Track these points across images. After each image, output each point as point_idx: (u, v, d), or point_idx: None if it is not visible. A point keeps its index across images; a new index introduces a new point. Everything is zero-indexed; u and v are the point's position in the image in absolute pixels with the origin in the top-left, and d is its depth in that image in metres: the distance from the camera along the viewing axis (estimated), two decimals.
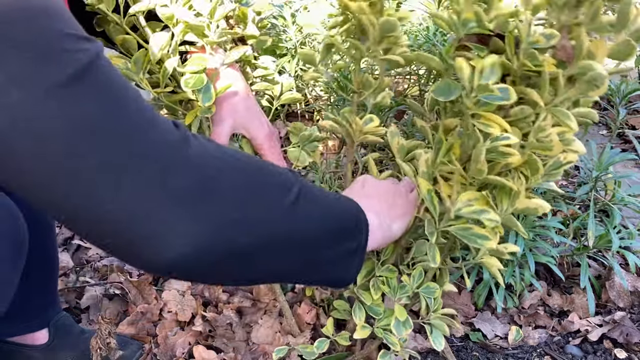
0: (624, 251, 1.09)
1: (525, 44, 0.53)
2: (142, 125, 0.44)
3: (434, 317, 0.75)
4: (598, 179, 1.09)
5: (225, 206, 0.47)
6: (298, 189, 0.54)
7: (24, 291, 0.91)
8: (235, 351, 0.99)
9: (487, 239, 0.61)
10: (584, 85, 0.53)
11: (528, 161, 0.59)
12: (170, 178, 0.44)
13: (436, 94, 0.59)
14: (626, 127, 1.70)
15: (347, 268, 0.62)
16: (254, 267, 0.52)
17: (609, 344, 1.03)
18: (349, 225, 0.61)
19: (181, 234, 0.44)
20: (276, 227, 0.51)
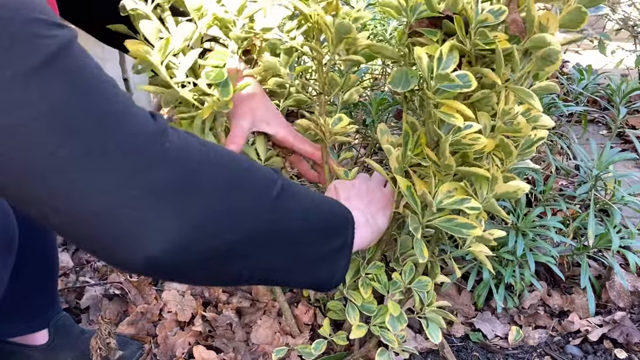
0: (624, 251, 1.08)
1: (474, 23, 0.52)
2: (115, 116, 0.42)
3: (428, 311, 0.75)
4: (598, 178, 1.08)
5: (206, 201, 0.45)
6: (281, 185, 0.52)
7: (24, 291, 0.92)
8: (235, 351, 0.99)
9: (472, 227, 0.61)
10: (539, 61, 0.52)
11: (500, 145, 0.59)
12: (147, 172, 0.41)
13: (393, 85, 0.58)
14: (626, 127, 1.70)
15: (334, 267, 0.61)
16: (237, 265, 0.50)
17: (609, 344, 1.03)
18: (335, 222, 0.61)
19: (160, 231, 0.41)
20: (260, 222, 0.49)
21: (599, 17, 2.07)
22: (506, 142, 0.58)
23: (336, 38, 0.67)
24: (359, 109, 1.26)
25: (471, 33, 0.53)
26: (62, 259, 1.31)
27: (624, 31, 1.88)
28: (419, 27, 0.57)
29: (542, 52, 0.51)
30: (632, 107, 1.31)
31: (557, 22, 0.50)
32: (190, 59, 0.68)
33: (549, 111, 1.18)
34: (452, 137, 0.55)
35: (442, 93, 0.54)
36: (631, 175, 1.12)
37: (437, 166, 0.62)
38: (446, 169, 0.59)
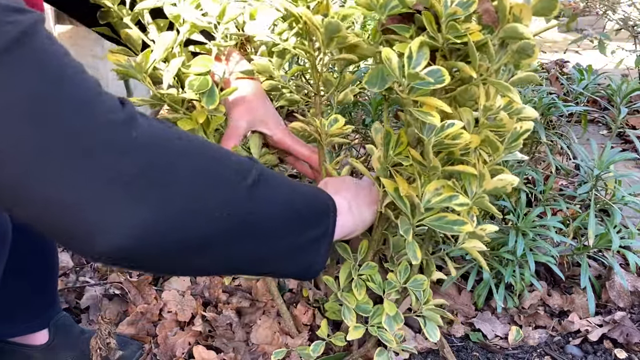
0: (624, 251, 1.08)
1: (444, 17, 0.50)
2: (80, 103, 0.40)
3: (425, 309, 0.75)
4: (598, 178, 1.08)
5: (177, 191, 0.43)
6: (257, 174, 0.51)
7: (24, 291, 0.92)
8: (235, 351, 0.99)
9: (463, 224, 0.60)
10: (515, 54, 0.51)
11: (486, 140, 0.58)
12: (113, 161, 0.40)
13: (369, 85, 0.57)
14: (626, 127, 1.70)
15: (314, 255, 0.60)
16: (212, 256, 0.49)
17: (609, 344, 1.03)
18: (315, 210, 0.60)
19: (125, 222, 0.40)
20: (234, 212, 0.48)
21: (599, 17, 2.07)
22: (492, 137, 0.58)
23: (326, 38, 0.66)
24: (359, 109, 1.26)
25: (442, 27, 0.52)
26: (62, 259, 1.31)
27: (624, 31, 1.88)
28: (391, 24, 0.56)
29: (517, 46, 0.50)
30: (632, 107, 1.31)
31: (530, 12, 0.49)
32: (172, 69, 0.68)
33: (549, 111, 1.18)
34: (435, 138, 0.54)
35: (416, 91, 0.53)
36: (631, 175, 1.12)
37: (423, 166, 0.61)
38: (432, 170, 0.59)
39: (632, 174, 1.12)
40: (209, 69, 0.70)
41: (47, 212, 0.40)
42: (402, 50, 0.53)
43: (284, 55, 0.76)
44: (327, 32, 0.65)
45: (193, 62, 0.70)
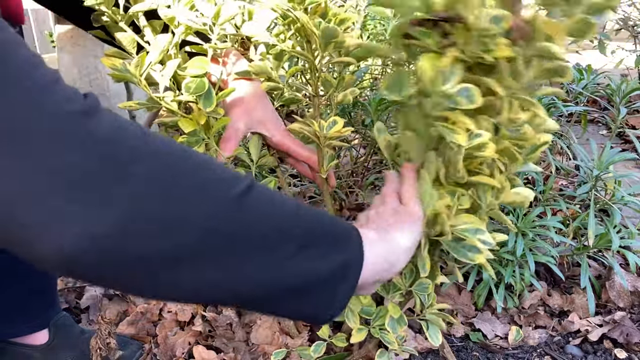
0: (624, 251, 1.08)
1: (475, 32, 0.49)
2: (32, 92, 0.35)
3: (429, 313, 0.75)
4: (598, 178, 1.09)
5: (136, 193, 0.36)
6: (248, 184, 0.43)
7: (23, 292, 0.92)
8: (235, 351, 0.99)
9: (478, 252, 0.59)
10: (546, 73, 0.51)
11: (504, 151, 0.58)
12: (63, 156, 0.35)
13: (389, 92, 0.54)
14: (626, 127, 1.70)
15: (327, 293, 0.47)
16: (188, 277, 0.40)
17: (609, 344, 1.03)
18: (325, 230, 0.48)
19: (75, 224, 0.34)
20: (212, 222, 0.39)
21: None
22: (512, 150, 0.57)
23: (323, 42, 0.66)
24: (359, 109, 1.26)
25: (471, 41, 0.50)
26: None
27: (624, 31, 1.88)
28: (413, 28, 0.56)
29: (551, 66, 0.49)
30: (632, 107, 1.31)
31: (565, 32, 0.48)
32: (168, 72, 0.67)
33: (549, 111, 1.18)
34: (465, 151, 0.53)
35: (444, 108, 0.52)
36: (631, 176, 1.12)
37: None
38: (458, 179, 0.57)
39: (631, 174, 1.12)
40: (206, 71, 0.70)
41: None
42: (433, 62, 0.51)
43: (281, 57, 0.76)
44: (324, 36, 0.65)
45: (189, 64, 0.70)
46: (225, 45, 0.73)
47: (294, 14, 0.65)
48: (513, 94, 0.53)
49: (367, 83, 1.57)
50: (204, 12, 0.69)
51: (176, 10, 0.68)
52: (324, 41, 0.66)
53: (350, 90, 0.77)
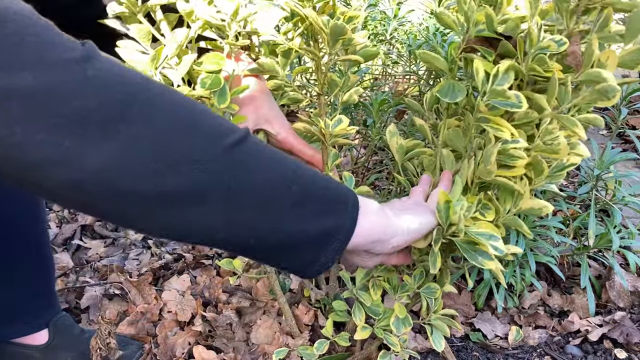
0: (624, 251, 1.08)
1: (534, 49, 0.53)
2: (30, 41, 0.38)
3: (434, 318, 0.75)
4: (599, 178, 1.09)
5: (132, 135, 0.40)
6: (242, 135, 0.45)
7: (22, 293, 0.92)
8: (235, 351, 0.99)
9: (489, 259, 0.59)
10: (594, 94, 0.53)
11: (533, 163, 0.59)
12: (66, 100, 0.38)
13: (441, 95, 0.59)
14: (626, 127, 1.70)
15: (317, 250, 0.50)
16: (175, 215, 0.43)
17: (609, 344, 1.03)
18: (326, 194, 0.50)
19: (77, 160, 0.38)
20: (206, 167, 0.42)
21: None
22: (539, 159, 0.59)
23: (331, 39, 0.66)
24: (360, 109, 1.26)
25: (529, 57, 0.54)
26: (62, 259, 1.31)
27: None
28: (476, 45, 0.58)
29: (600, 87, 0.51)
30: (632, 108, 1.31)
31: (616, 61, 0.51)
32: (184, 66, 0.67)
33: None
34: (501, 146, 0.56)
35: (492, 109, 0.55)
36: (631, 176, 1.12)
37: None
38: (485, 175, 0.59)
39: (632, 174, 1.12)
40: (221, 67, 0.69)
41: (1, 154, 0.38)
42: (487, 68, 0.55)
43: (289, 55, 0.76)
44: (332, 34, 0.65)
45: (205, 60, 0.69)
46: (243, 42, 0.73)
47: (303, 11, 0.66)
48: (558, 114, 0.55)
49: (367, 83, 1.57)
50: (222, 9, 0.68)
51: (195, 5, 0.67)
52: (332, 38, 0.66)
53: (355, 90, 0.77)
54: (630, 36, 0.50)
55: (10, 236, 0.87)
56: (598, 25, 0.52)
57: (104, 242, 1.41)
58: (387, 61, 1.54)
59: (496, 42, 0.58)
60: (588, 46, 0.51)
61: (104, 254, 1.35)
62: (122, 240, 1.41)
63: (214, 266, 1.28)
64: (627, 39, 0.50)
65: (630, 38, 0.50)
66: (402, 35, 1.54)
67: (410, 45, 1.33)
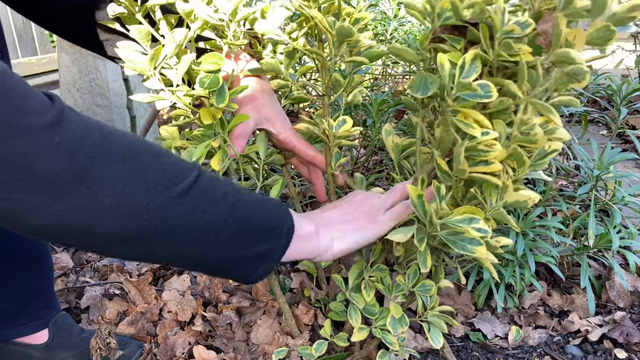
0: (624, 251, 1.08)
1: (499, 34, 0.51)
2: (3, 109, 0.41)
3: (431, 315, 0.75)
4: (598, 178, 1.09)
5: (92, 193, 0.46)
6: (192, 180, 0.52)
7: (23, 293, 0.92)
8: (235, 351, 0.99)
9: (478, 244, 0.59)
10: (564, 77, 0.51)
11: (513, 154, 0.58)
12: (31, 165, 0.42)
13: (413, 90, 0.57)
14: (626, 127, 1.70)
15: (250, 270, 0.60)
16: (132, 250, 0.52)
17: (609, 344, 1.03)
18: (263, 226, 0.59)
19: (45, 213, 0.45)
20: (155, 215, 0.49)
21: None
22: (519, 151, 0.57)
23: (337, 41, 0.66)
24: (359, 110, 1.26)
25: (495, 43, 0.52)
26: (62, 259, 1.31)
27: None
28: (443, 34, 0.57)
29: (569, 69, 0.50)
30: (632, 108, 1.31)
31: (584, 39, 0.48)
32: (183, 66, 0.67)
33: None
34: (469, 143, 0.54)
35: (461, 101, 0.54)
36: (631, 176, 1.12)
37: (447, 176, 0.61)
38: (459, 173, 0.58)
39: (632, 174, 1.12)
40: (220, 67, 0.69)
41: None
42: (454, 59, 0.53)
43: (293, 55, 0.76)
44: (338, 35, 0.65)
45: (204, 60, 0.69)
46: (242, 42, 0.73)
47: (308, 11, 0.65)
48: (531, 98, 0.54)
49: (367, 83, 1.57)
50: (221, 8, 0.68)
51: (194, 5, 0.67)
52: (338, 40, 0.66)
53: (359, 90, 0.77)
54: (596, 11, 0.47)
55: (9, 236, 0.87)
56: (563, 2, 0.48)
57: None
58: (387, 61, 1.54)
59: (464, 30, 0.56)
60: (555, 25, 0.49)
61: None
62: None
63: None
64: (594, 14, 0.48)
65: (596, 13, 0.47)
66: (402, 35, 1.54)
67: (410, 45, 1.33)
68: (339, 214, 0.69)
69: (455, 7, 0.53)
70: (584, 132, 1.35)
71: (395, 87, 1.61)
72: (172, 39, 0.67)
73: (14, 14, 2.87)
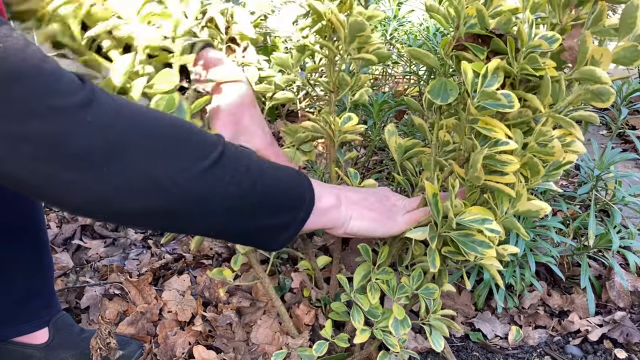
0: (624, 251, 1.08)
1: (525, 47, 0.51)
2: (39, 90, 0.43)
3: (433, 318, 0.75)
4: (599, 178, 1.09)
5: (124, 170, 0.48)
6: (217, 156, 0.54)
7: (23, 292, 0.92)
8: (235, 351, 0.99)
9: (489, 247, 0.59)
10: (588, 94, 0.51)
11: (528, 163, 0.58)
12: (68, 143, 0.44)
13: (432, 96, 0.58)
14: (626, 127, 1.70)
15: (271, 239, 0.62)
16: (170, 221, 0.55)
17: (609, 344, 1.03)
18: (284, 198, 0.61)
19: (83, 190, 0.47)
20: (184, 188, 0.51)
21: None
22: (535, 160, 0.57)
23: (349, 36, 0.66)
24: (360, 109, 1.26)
25: (520, 56, 0.52)
26: (62, 259, 1.31)
27: None
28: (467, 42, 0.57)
29: (595, 88, 0.49)
30: (632, 108, 1.31)
31: (610, 58, 0.48)
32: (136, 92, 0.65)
33: None
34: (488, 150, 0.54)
35: (482, 109, 0.54)
36: (631, 176, 1.12)
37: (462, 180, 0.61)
38: (475, 180, 0.58)
39: (632, 174, 1.12)
40: (174, 85, 0.66)
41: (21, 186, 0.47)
42: (477, 69, 0.54)
43: (303, 51, 0.76)
44: (351, 30, 0.65)
45: (156, 80, 0.66)
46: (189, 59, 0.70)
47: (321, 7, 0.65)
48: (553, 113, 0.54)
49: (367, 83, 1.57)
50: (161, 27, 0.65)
51: (134, 28, 0.65)
52: (350, 35, 0.66)
53: (365, 90, 0.77)
54: (624, 31, 0.47)
55: (9, 235, 0.87)
56: (592, 19, 0.49)
57: (104, 242, 1.41)
58: (387, 61, 1.54)
59: (488, 39, 0.56)
60: (582, 42, 0.49)
61: (104, 254, 1.35)
62: (122, 240, 1.41)
63: (214, 266, 1.28)
64: (621, 33, 0.48)
65: (624, 33, 0.47)
66: (402, 36, 1.54)
67: (410, 45, 1.33)
68: (361, 198, 0.70)
69: (482, 15, 0.53)
70: (584, 132, 1.35)
71: (396, 87, 1.60)
72: (117, 70, 0.65)
73: None
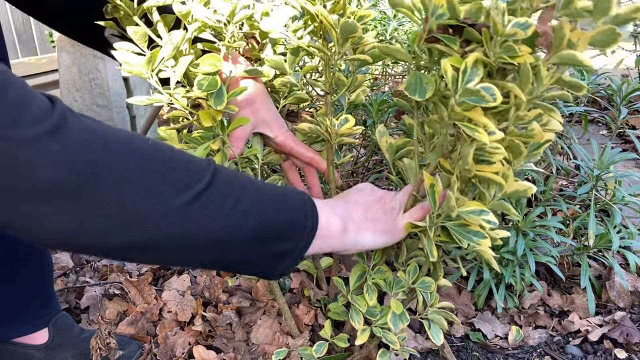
0: (624, 251, 1.08)
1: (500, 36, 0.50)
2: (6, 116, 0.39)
3: (431, 312, 0.75)
4: (598, 178, 1.08)
5: (95, 201, 0.44)
6: (204, 186, 0.49)
7: (23, 293, 0.92)
8: (235, 351, 0.99)
9: (483, 237, 0.61)
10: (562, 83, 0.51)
11: (510, 146, 0.58)
12: (37, 174, 0.41)
13: (409, 92, 0.57)
14: (626, 127, 1.70)
15: (271, 267, 0.58)
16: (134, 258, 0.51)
17: (609, 344, 1.03)
18: (282, 221, 0.56)
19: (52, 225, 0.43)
20: (160, 229, 0.47)
21: None
22: (517, 142, 0.57)
23: (342, 37, 0.66)
24: (359, 110, 1.26)
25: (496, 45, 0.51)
26: (62, 259, 1.31)
27: None
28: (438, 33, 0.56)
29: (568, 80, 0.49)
30: (632, 108, 1.31)
31: (587, 41, 0.47)
32: (181, 68, 0.66)
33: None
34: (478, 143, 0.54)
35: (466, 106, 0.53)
36: (631, 176, 1.12)
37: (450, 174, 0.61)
38: (466, 172, 0.58)
39: (632, 174, 1.12)
40: (218, 69, 0.69)
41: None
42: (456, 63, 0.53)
43: (297, 53, 0.76)
44: (342, 32, 0.65)
45: (201, 61, 0.69)
46: (240, 44, 0.73)
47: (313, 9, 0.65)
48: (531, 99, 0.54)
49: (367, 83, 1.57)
50: (219, 10, 0.68)
51: (192, 6, 0.67)
52: (342, 36, 0.66)
53: (362, 90, 0.77)
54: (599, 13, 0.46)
55: (9, 237, 0.87)
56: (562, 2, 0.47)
57: None
58: (387, 61, 1.54)
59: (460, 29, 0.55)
60: (558, 27, 0.48)
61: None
62: None
63: None
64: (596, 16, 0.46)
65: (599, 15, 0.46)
66: (401, 35, 1.54)
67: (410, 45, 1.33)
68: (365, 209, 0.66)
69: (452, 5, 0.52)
70: (584, 132, 1.35)
71: (396, 87, 1.60)
72: (170, 41, 0.67)
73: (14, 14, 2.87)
